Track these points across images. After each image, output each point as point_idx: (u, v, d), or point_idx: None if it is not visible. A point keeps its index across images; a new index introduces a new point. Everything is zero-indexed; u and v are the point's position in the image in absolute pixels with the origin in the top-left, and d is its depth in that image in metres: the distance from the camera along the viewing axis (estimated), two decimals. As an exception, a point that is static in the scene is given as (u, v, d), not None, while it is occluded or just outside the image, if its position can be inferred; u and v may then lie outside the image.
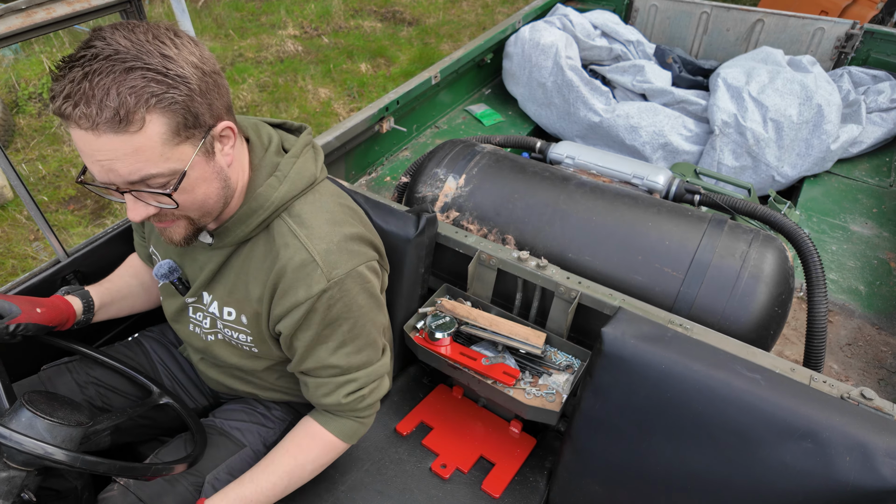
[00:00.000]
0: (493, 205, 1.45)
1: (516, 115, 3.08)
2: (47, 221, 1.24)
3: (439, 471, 1.24)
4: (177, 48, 0.72)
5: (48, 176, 3.41)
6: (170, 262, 1.01)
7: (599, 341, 1.02)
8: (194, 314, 1.05)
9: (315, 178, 0.95)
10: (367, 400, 0.99)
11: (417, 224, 1.20)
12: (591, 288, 1.19)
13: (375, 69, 4.87)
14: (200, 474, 1.04)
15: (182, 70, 0.71)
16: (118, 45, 0.68)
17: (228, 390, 1.18)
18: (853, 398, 0.90)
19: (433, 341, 1.29)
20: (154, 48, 0.70)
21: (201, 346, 1.09)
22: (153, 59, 0.69)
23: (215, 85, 0.77)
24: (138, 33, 0.70)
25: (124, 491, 0.98)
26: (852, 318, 1.89)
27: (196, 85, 0.73)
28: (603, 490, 1.12)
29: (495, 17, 6.00)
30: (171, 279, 1.01)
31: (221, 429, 1.12)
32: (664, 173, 1.67)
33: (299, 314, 0.89)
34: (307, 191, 0.94)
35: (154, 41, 0.70)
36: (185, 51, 0.73)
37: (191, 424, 1.08)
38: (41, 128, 3.74)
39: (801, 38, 3.02)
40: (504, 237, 1.42)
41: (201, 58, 0.74)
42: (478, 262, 1.33)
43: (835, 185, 2.55)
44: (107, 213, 3.22)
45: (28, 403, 0.82)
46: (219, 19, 5.44)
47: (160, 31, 0.72)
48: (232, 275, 0.96)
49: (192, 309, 1.05)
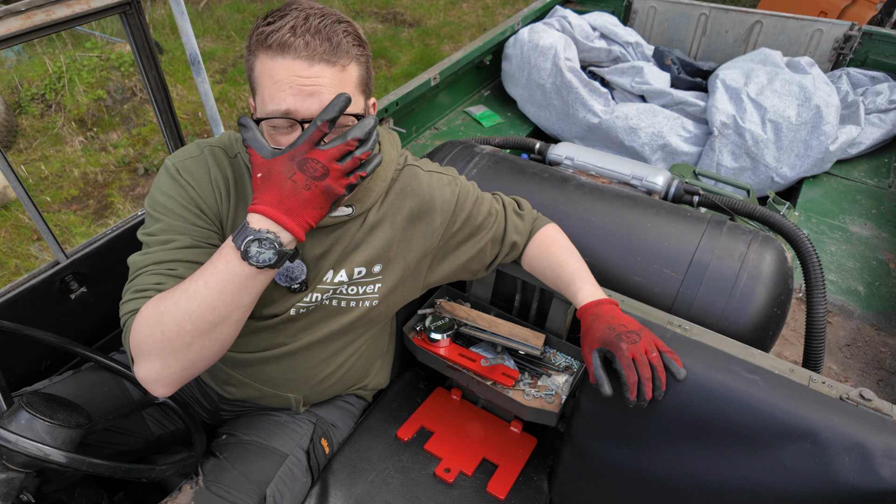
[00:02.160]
0: (493, 206, 1.45)
1: (515, 116, 3.08)
2: (46, 222, 1.24)
3: (444, 475, 1.23)
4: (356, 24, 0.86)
5: (50, 176, 3.41)
6: (298, 261, 0.99)
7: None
8: (303, 300, 1.02)
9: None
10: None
11: (417, 225, 1.20)
12: (591, 289, 1.19)
13: (376, 70, 4.88)
14: (261, 489, 1.05)
15: (364, 38, 0.86)
16: (320, 6, 0.82)
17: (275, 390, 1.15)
18: (852, 399, 0.90)
19: (432, 342, 1.29)
20: (347, 17, 0.84)
21: (293, 335, 1.06)
22: (351, 23, 0.84)
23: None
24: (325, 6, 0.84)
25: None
26: (851, 318, 1.89)
27: (369, 55, 0.87)
28: (602, 490, 1.12)
29: (496, 18, 6.01)
30: (300, 279, 1.00)
31: (259, 443, 1.13)
32: (663, 174, 1.68)
33: (467, 211, 1.10)
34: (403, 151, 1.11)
35: (343, 15, 0.84)
36: (361, 30, 0.86)
37: (189, 425, 1.09)
38: (43, 128, 3.74)
39: (799, 40, 3.03)
40: (503, 238, 1.43)
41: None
42: (477, 263, 1.33)
43: (834, 186, 2.55)
44: (109, 212, 3.23)
45: (27, 405, 0.82)
46: (220, 21, 5.45)
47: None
48: (379, 233, 1.03)
49: (303, 298, 1.02)
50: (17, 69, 4.12)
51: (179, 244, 0.88)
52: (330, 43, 0.79)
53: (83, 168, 3.50)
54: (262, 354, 1.09)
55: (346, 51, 0.80)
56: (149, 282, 0.84)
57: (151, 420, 1.17)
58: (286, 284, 1.00)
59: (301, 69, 0.78)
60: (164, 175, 0.93)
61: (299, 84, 0.78)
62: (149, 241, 0.90)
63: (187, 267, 0.86)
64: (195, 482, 1.03)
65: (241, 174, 0.97)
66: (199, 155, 0.95)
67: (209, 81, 2.07)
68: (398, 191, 1.05)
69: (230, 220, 0.95)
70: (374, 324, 1.16)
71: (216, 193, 0.93)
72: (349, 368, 1.18)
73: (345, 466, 1.24)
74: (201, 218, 0.92)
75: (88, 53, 4.27)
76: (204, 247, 0.90)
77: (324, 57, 0.78)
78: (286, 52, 0.77)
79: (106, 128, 3.84)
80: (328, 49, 0.78)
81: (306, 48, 0.77)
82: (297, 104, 0.79)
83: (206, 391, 1.24)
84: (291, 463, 1.12)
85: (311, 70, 0.78)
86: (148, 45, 1.34)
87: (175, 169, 0.93)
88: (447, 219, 1.07)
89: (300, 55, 0.77)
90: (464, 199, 1.09)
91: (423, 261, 1.09)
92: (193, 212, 0.91)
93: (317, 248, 1.00)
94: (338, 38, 0.79)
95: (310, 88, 0.79)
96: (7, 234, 2.99)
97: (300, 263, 1.00)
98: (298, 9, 0.79)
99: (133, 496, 1.31)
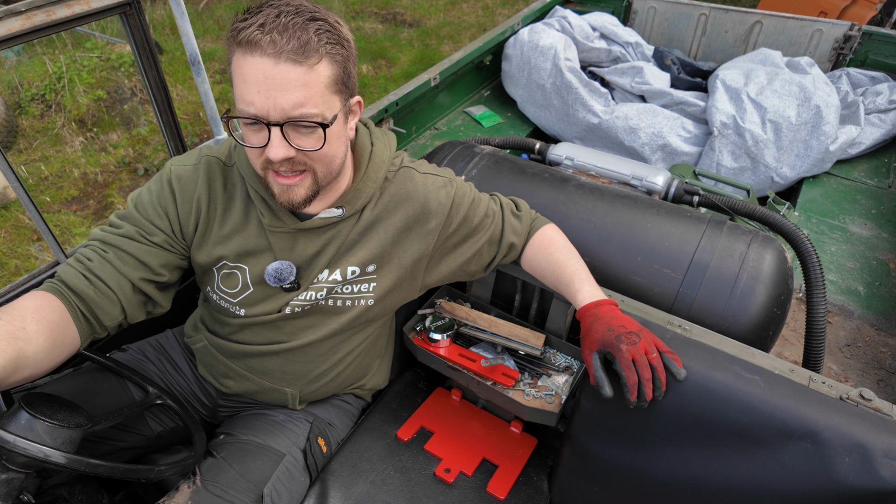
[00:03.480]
0: (493, 206, 1.45)
1: (515, 116, 3.08)
2: (46, 223, 1.24)
3: (444, 475, 1.23)
4: (338, 21, 0.85)
5: (51, 177, 3.41)
6: (287, 263, 1.01)
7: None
8: (297, 298, 1.04)
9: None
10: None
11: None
12: (590, 289, 1.19)
13: (376, 70, 4.88)
14: (258, 489, 1.05)
15: (346, 35, 0.85)
16: (299, 3, 0.81)
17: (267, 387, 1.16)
18: (852, 399, 0.90)
19: (432, 343, 1.29)
20: (325, 14, 0.83)
21: (286, 335, 1.08)
22: (329, 18, 0.83)
23: (355, 62, 0.89)
24: (310, 2, 0.83)
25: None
26: (851, 318, 1.89)
27: (350, 53, 0.86)
28: (602, 491, 1.12)
29: (496, 18, 6.01)
30: (289, 280, 1.01)
31: (256, 443, 1.13)
32: (663, 174, 1.68)
33: (463, 213, 1.10)
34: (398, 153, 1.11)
35: (324, 10, 0.84)
36: (344, 27, 0.86)
37: (189, 425, 1.08)
38: (43, 129, 3.74)
39: (799, 40, 3.03)
40: (503, 238, 1.43)
41: (350, 36, 0.87)
42: (477, 263, 1.33)
43: (834, 186, 2.55)
44: (109, 213, 3.23)
45: (27, 405, 0.82)
46: (220, 21, 5.45)
47: (324, 7, 0.86)
48: (373, 234, 1.04)
49: (295, 297, 1.04)
50: (17, 69, 4.12)
51: (123, 232, 0.97)
52: (298, 41, 0.77)
53: (83, 168, 3.50)
54: (261, 348, 1.10)
55: (316, 49, 0.79)
56: (84, 254, 0.96)
57: (151, 417, 1.17)
58: (276, 285, 1.02)
59: (269, 69, 0.77)
60: (158, 175, 1.01)
61: (266, 86, 0.78)
62: (110, 220, 1.01)
63: (117, 254, 0.96)
64: (192, 482, 1.03)
65: (234, 183, 1.02)
66: (196, 164, 1.01)
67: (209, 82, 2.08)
68: (393, 193, 1.05)
69: (198, 234, 1.01)
70: (372, 323, 1.16)
71: (193, 206, 1.00)
72: (346, 367, 1.18)
73: (344, 466, 1.24)
74: (162, 219, 0.99)
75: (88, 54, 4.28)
76: (143, 243, 0.98)
77: (290, 56, 0.77)
78: (254, 50, 0.77)
79: (106, 128, 3.84)
80: (296, 47, 0.77)
81: (272, 46, 0.76)
82: (262, 107, 0.79)
83: (204, 387, 1.25)
84: (289, 462, 1.13)
85: (276, 69, 0.77)
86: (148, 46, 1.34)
87: (168, 171, 1.00)
88: (443, 221, 1.07)
89: (266, 53, 0.77)
90: (460, 200, 1.09)
91: (419, 262, 1.09)
92: (158, 212, 0.99)
93: (310, 248, 1.02)
94: (307, 36, 0.78)
95: (275, 92, 0.78)
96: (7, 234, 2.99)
97: (289, 265, 1.01)
98: (274, 5, 0.79)
99: (133, 495, 1.31)
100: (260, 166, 0.89)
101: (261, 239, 1.01)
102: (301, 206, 0.92)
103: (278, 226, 1.00)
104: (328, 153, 0.88)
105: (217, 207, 1.01)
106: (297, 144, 0.84)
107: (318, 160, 0.88)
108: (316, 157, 0.87)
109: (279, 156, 0.83)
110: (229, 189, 1.02)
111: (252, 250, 1.02)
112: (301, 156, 0.86)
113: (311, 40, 0.78)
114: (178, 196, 0.99)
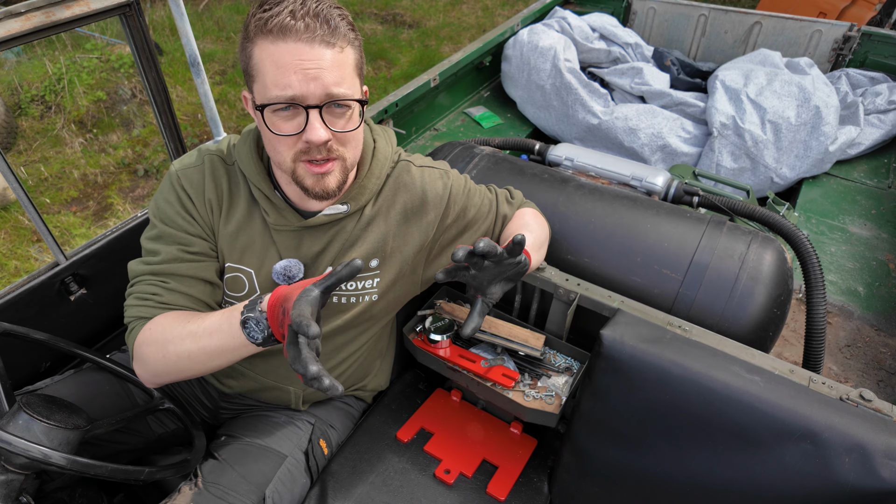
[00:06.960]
0: (492, 207, 1.45)
1: (515, 117, 3.08)
2: (45, 224, 1.24)
3: (444, 476, 1.23)
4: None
5: (50, 178, 3.41)
6: (295, 260, 1.01)
7: (598, 343, 1.02)
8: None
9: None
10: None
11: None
12: (590, 290, 1.19)
13: (376, 71, 4.88)
14: (260, 490, 1.05)
15: (355, 28, 0.88)
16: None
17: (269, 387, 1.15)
18: (852, 399, 0.90)
19: (432, 344, 1.29)
20: (339, 4, 0.86)
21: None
22: (344, 9, 0.85)
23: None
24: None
25: None
26: (851, 319, 1.89)
27: (361, 41, 0.89)
28: (602, 491, 1.11)
29: (495, 19, 6.01)
30: (298, 277, 1.02)
31: (257, 444, 1.12)
32: (663, 175, 1.68)
33: (461, 203, 1.12)
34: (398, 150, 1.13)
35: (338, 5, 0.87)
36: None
37: (190, 428, 1.08)
38: (43, 130, 3.75)
39: (798, 41, 3.03)
40: (503, 239, 1.43)
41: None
42: (477, 264, 1.32)
43: (833, 187, 2.55)
44: (109, 214, 3.23)
45: (26, 406, 0.82)
46: (220, 22, 5.45)
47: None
48: (374, 228, 1.04)
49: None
50: (16, 71, 4.12)
51: (166, 257, 0.97)
52: (329, 25, 0.80)
53: (83, 169, 3.50)
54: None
55: (344, 34, 0.82)
56: (147, 291, 0.95)
57: (152, 418, 1.17)
58: (284, 283, 1.01)
59: (303, 52, 0.79)
60: (167, 182, 1.00)
61: (303, 67, 0.80)
62: (145, 247, 1.00)
63: (178, 280, 0.97)
64: (194, 483, 1.03)
65: (237, 181, 1.02)
66: (200, 164, 1.01)
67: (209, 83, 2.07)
68: (391, 186, 1.06)
69: (220, 229, 1.01)
70: (376, 321, 1.16)
71: (207, 207, 1.00)
72: (349, 367, 1.18)
73: (344, 467, 1.24)
74: (193, 225, 0.98)
75: (88, 55, 4.28)
76: (191, 260, 0.98)
77: (324, 39, 0.80)
78: (287, 36, 0.79)
79: (105, 129, 3.85)
80: (327, 31, 0.80)
81: (307, 30, 0.79)
82: (301, 89, 0.80)
83: (206, 389, 1.25)
84: (290, 464, 1.12)
85: (312, 52, 0.80)
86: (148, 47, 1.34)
87: (176, 176, 1.00)
88: (440, 212, 1.08)
89: (301, 37, 0.79)
90: (456, 191, 1.11)
91: (419, 255, 1.10)
92: (186, 219, 0.98)
93: (315, 246, 1.02)
94: (335, 22, 0.81)
95: (313, 72, 0.80)
96: (7, 235, 2.99)
97: (297, 262, 1.01)
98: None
99: (133, 498, 1.31)
100: (291, 157, 0.87)
101: (265, 238, 1.01)
102: (334, 194, 0.93)
103: (283, 224, 0.99)
104: (358, 136, 0.91)
105: (223, 204, 1.01)
106: (334, 126, 0.86)
107: (350, 144, 0.90)
108: (348, 140, 0.89)
109: (322, 137, 0.83)
110: (232, 187, 1.01)
111: (256, 250, 1.02)
112: (334, 141, 0.87)
113: (339, 26, 0.82)
114: (193, 198, 0.99)
